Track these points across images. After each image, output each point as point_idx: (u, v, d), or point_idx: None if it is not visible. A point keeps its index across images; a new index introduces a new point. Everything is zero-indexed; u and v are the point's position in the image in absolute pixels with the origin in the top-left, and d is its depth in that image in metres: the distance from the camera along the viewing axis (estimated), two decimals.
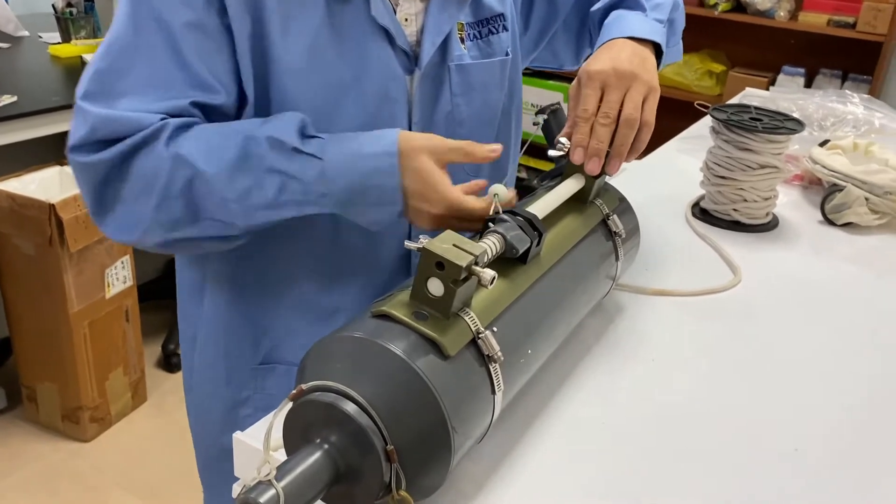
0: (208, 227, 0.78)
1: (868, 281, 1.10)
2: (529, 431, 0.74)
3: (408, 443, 0.57)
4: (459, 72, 0.91)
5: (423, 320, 0.60)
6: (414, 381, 0.57)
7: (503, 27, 0.96)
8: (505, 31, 0.96)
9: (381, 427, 0.56)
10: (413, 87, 0.87)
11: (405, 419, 0.57)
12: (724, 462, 0.72)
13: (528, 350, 0.68)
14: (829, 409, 0.81)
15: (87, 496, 2.02)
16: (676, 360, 0.87)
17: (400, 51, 0.86)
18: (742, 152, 1.17)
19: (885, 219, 1.25)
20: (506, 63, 0.97)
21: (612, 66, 0.83)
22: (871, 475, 0.72)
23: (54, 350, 2.10)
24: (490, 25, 0.95)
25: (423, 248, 0.59)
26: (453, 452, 0.58)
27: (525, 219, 0.71)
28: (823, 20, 2.94)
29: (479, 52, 0.94)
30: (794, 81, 3.08)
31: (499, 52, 0.95)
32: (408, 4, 0.86)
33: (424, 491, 0.61)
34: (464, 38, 0.92)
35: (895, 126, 1.59)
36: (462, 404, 0.59)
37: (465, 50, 0.92)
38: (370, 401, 0.56)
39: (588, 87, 0.82)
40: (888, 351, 0.92)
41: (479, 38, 0.94)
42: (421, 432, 0.57)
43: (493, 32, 0.95)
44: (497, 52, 0.95)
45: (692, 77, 3.29)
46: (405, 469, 0.57)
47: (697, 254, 1.14)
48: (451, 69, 0.90)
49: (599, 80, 0.82)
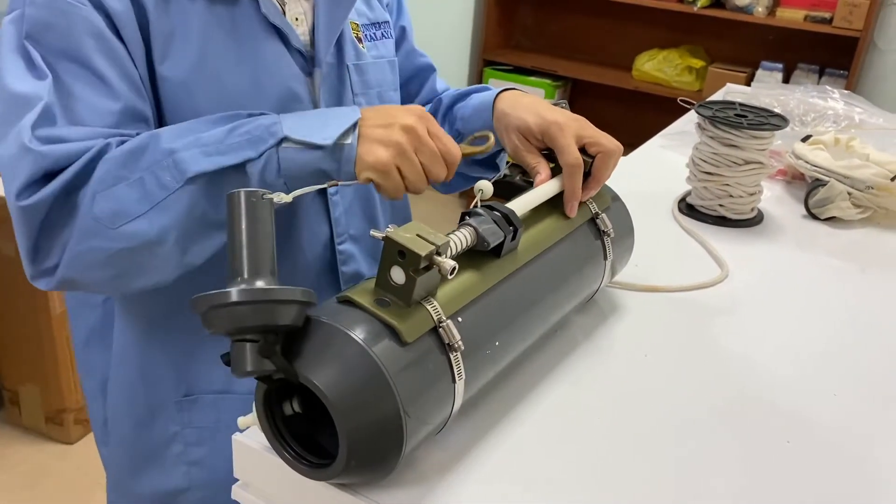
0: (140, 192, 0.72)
1: (851, 274, 1.12)
2: (502, 421, 0.74)
3: (360, 425, 0.57)
4: (357, 71, 0.92)
5: (385, 307, 0.61)
6: (368, 365, 0.58)
7: (390, 34, 0.99)
8: (391, 38, 1.00)
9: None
10: (316, 87, 0.88)
11: (358, 401, 0.57)
12: (714, 455, 0.73)
13: (496, 342, 0.69)
14: (818, 401, 0.82)
15: (71, 498, 2.00)
16: (667, 355, 0.88)
17: (295, 51, 0.86)
18: (728, 148, 1.18)
19: (867, 213, 1.27)
20: (394, 65, 0.99)
21: (556, 116, 0.84)
22: (861, 465, 0.73)
23: (37, 352, 2.08)
24: (382, 29, 0.98)
25: (387, 236, 0.61)
26: (405, 437, 0.59)
27: (502, 214, 0.72)
28: (800, 16, 2.97)
29: (377, 52, 0.96)
30: (772, 76, 3.11)
31: (388, 55, 0.98)
32: (294, 4, 0.87)
33: (377, 474, 0.62)
34: (361, 37, 0.94)
35: (874, 121, 1.61)
36: (418, 391, 0.60)
37: (364, 49, 0.94)
38: (325, 384, 0.57)
39: (563, 137, 0.83)
40: (872, 342, 0.94)
41: (374, 38, 0.96)
42: (373, 415, 0.58)
43: (385, 36, 0.98)
44: (387, 55, 0.98)
45: (672, 73, 3.31)
46: (358, 451, 0.58)
47: (685, 249, 1.15)
48: (350, 69, 0.91)
49: (571, 128, 0.84)
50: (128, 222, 0.71)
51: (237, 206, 0.60)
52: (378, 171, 0.72)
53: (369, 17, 0.96)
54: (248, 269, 0.59)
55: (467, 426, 0.73)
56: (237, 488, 0.71)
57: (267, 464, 0.67)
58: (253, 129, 0.72)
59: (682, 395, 0.81)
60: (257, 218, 0.60)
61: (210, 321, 0.58)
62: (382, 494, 0.64)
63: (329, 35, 0.87)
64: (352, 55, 0.92)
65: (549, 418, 0.76)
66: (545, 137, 0.85)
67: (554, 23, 3.80)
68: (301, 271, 0.90)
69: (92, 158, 0.72)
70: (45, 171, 0.71)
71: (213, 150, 0.71)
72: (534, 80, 3.62)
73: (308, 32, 0.88)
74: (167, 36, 0.78)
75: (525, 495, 0.66)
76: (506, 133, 0.89)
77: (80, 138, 0.73)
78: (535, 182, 0.84)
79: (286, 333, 0.59)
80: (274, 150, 0.71)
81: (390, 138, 0.72)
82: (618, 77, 3.47)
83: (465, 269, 0.69)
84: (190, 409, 0.92)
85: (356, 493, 0.64)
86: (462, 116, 1.00)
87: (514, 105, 0.90)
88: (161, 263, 0.74)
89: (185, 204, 0.71)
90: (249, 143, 0.71)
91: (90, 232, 0.71)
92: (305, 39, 0.88)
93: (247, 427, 0.67)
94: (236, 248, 0.60)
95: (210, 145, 0.71)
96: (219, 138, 0.71)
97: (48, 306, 2.00)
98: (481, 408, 0.75)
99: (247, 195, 0.60)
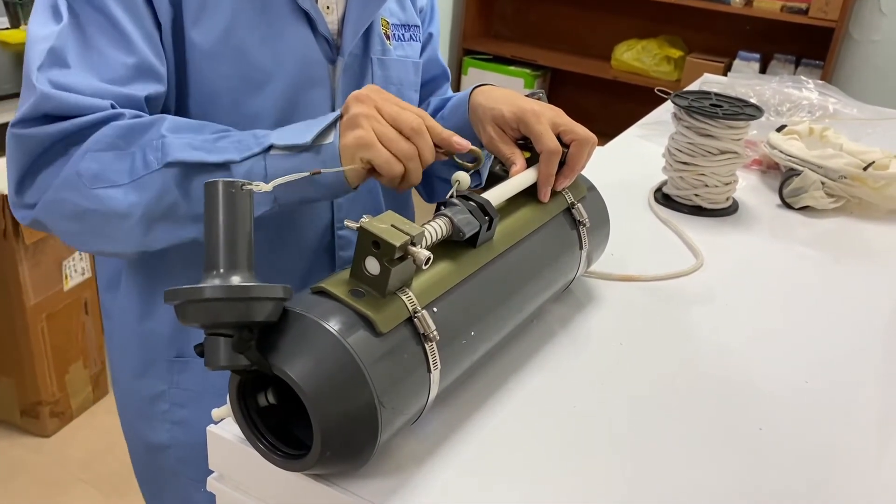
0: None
1: (825, 263, 1.13)
2: (478, 411, 0.75)
3: (334, 415, 0.57)
4: (381, 66, 0.94)
5: (359, 298, 0.61)
6: (342, 356, 0.58)
7: (419, 37, 1.02)
8: (419, 42, 1.02)
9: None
10: (336, 75, 0.89)
11: (333, 392, 0.57)
12: (687, 442, 0.74)
13: (472, 332, 0.69)
14: (791, 388, 0.83)
15: (48, 492, 1.99)
16: (642, 344, 0.88)
17: (321, 38, 0.88)
18: (703, 138, 1.19)
19: (840, 202, 1.28)
20: (418, 67, 1.02)
21: (531, 105, 0.85)
22: (832, 452, 0.74)
23: (11, 344, 2.05)
24: (411, 32, 1.00)
25: (361, 226, 0.61)
26: (380, 427, 0.59)
27: (477, 204, 0.72)
28: (777, 6, 3.00)
29: (403, 52, 0.98)
30: (749, 66, 3.13)
31: (414, 56, 1.00)
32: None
33: (352, 465, 0.62)
34: (390, 35, 0.96)
35: (848, 111, 1.63)
36: (393, 381, 0.60)
37: (390, 46, 0.95)
38: (299, 375, 0.57)
39: (539, 124, 0.83)
40: (844, 331, 0.95)
41: (402, 39, 0.98)
42: (348, 406, 0.58)
43: (413, 39, 1.00)
44: (412, 56, 1.00)
45: (650, 62, 3.33)
46: (332, 442, 0.58)
47: (660, 239, 1.16)
48: (374, 62, 0.93)
49: (546, 117, 0.84)
50: (104, 188, 0.73)
51: (215, 196, 0.59)
52: (361, 146, 0.72)
53: (400, 18, 0.98)
54: (224, 263, 0.59)
55: (443, 416, 0.73)
56: (212, 480, 0.71)
57: (242, 455, 0.66)
58: (242, 137, 0.75)
59: (656, 384, 0.82)
60: (236, 210, 0.59)
61: (184, 314, 0.57)
62: (358, 485, 0.64)
63: (357, 26, 0.89)
64: (378, 49, 0.94)
65: (526, 407, 0.76)
66: (521, 125, 0.85)
67: (533, 12, 3.80)
68: (299, 250, 0.93)
69: (102, 120, 0.74)
70: (45, 113, 0.74)
71: (200, 146, 0.74)
72: (513, 70, 3.62)
73: (337, 22, 0.90)
74: (201, 2, 0.80)
75: (502, 484, 0.66)
76: (481, 125, 0.90)
77: (90, 93, 0.75)
78: (511, 172, 0.84)
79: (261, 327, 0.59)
80: (260, 157, 0.73)
81: (355, 115, 0.73)
82: (597, 67, 3.48)
83: (441, 259, 0.69)
84: (181, 371, 0.95)
85: (331, 484, 0.64)
86: (442, 117, 1.02)
87: (489, 97, 0.90)
88: (123, 236, 0.76)
89: (157, 186, 0.73)
90: (235, 147, 0.74)
91: (70, 184, 0.74)
92: (333, 28, 0.89)
93: (221, 419, 0.67)
94: (213, 241, 0.59)
95: (199, 143, 0.74)
96: (209, 140, 0.74)
97: (22, 298, 1.98)
98: (457, 397, 0.75)
99: (225, 185, 0.59)
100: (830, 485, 0.70)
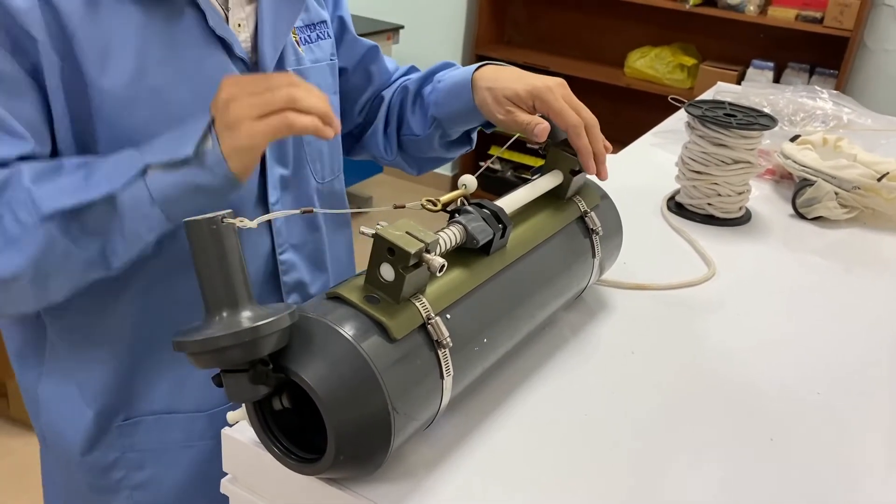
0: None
1: (838, 273, 1.13)
2: (489, 418, 0.75)
3: (348, 420, 0.58)
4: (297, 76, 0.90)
5: (374, 304, 0.62)
6: (357, 361, 0.58)
7: (327, 34, 0.96)
8: (329, 38, 0.97)
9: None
10: None
11: (347, 397, 0.58)
12: (698, 452, 0.74)
13: (484, 339, 0.70)
14: (802, 399, 0.83)
15: None
16: (654, 353, 0.88)
17: (238, 59, 0.82)
18: (717, 148, 1.19)
19: (854, 213, 1.28)
20: (334, 66, 0.97)
21: (543, 81, 0.86)
22: (844, 464, 0.74)
23: None
24: (318, 31, 0.95)
25: (377, 233, 0.61)
26: (393, 433, 0.60)
27: (491, 211, 0.73)
28: (792, 15, 2.99)
29: (314, 56, 0.93)
30: (763, 75, 3.12)
31: (327, 57, 0.96)
32: (237, 9, 0.83)
33: (365, 469, 0.62)
34: (298, 41, 0.91)
35: (862, 121, 1.62)
36: (406, 387, 0.61)
37: (302, 53, 0.91)
38: (314, 380, 0.57)
39: (557, 101, 0.84)
40: (857, 341, 0.95)
41: (310, 41, 0.93)
42: (361, 411, 0.58)
43: (320, 38, 0.95)
44: (325, 58, 0.95)
45: (664, 70, 3.32)
46: (346, 446, 0.58)
47: (673, 247, 1.16)
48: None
49: (559, 93, 0.85)
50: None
51: (200, 236, 0.58)
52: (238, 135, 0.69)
53: (304, 20, 0.92)
54: (227, 303, 0.58)
55: (455, 422, 0.73)
56: (226, 482, 0.71)
57: (256, 458, 0.67)
58: (112, 163, 0.70)
59: (667, 392, 0.82)
60: (224, 246, 0.58)
61: (196, 361, 0.58)
62: (370, 489, 0.64)
63: (276, 42, 0.85)
64: (292, 60, 0.89)
65: (537, 414, 0.76)
66: (537, 103, 0.86)
67: (546, 19, 3.80)
68: None
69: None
70: None
71: (73, 189, 0.69)
72: None
73: (250, 38, 0.85)
74: (102, 48, 0.73)
75: (512, 491, 0.67)
76: (495, 106, 0.89)
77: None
78: (537, 131, 0.84)
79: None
80: (140, 180, 0.69)
81: (224, 108, 0.69)
82: (609, 74, 3.48)
83: (454, 266, 0.70)
84: (132, 434, 0.88)
85: (344, 488, 0.64)
86: (436, 101, 0.98)
87: (497, 78, 0.90)
88: (18, 298, 0.72)
89: (41, 242, 0.68)
90: (108, 178, 0.69)
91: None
92: (247, 46, 0.85)
93: (236, 422, 0.68)
94: (209, 281, 0.58)
95: (69, 186, 0.69)
96: (78, 179, 0.69)
97: None
98: (469, 404, 0.76)
99: (207, 223, 0.58)
100: (842, 497, 0.70)
